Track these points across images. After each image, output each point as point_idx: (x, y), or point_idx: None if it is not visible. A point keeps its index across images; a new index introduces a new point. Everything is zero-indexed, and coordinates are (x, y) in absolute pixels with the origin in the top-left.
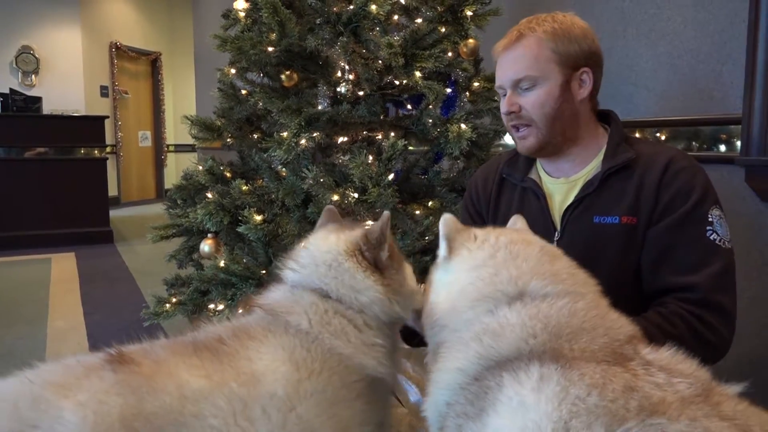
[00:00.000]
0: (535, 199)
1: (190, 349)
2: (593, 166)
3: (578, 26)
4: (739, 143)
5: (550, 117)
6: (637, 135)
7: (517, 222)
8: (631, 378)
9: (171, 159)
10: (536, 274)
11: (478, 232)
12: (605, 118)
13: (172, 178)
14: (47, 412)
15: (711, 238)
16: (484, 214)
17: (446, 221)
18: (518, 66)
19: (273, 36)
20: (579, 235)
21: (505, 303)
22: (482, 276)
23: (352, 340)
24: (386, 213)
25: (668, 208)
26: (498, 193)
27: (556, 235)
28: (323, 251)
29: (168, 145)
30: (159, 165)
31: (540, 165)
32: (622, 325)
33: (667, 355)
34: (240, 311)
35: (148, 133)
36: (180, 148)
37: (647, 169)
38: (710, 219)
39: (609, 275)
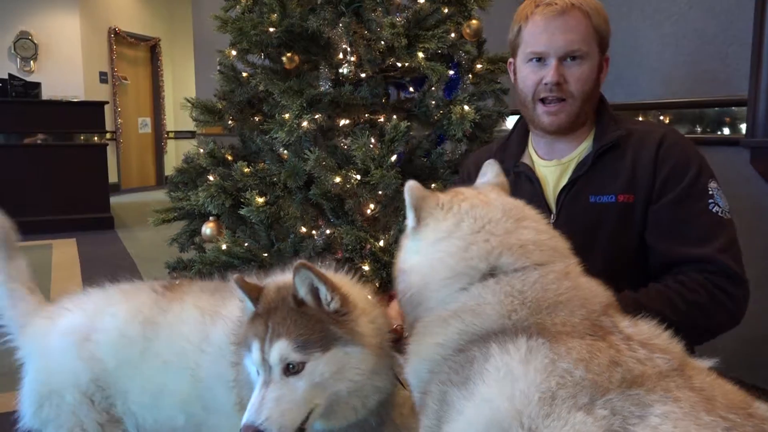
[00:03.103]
0: (528, 184)
1: (212, 288)
2: (584, 147)
3: (602, 6)
4: (743, 126)
5: (587, 95)
6: (640, 118)
7: (487, 171)
8: (616, 354)
9: (171, 146)
10: (505, 248)
11: (443, 197)
12: None
13: (172, 164)
14: (109, 310)
15: (714, 210)
16: None
17: (411, 189)
18: (573, 36)
19: (274, 17)
20: (575, 216)
21: (478, 280)
22: (451, 251)
23: None
24: None
25: (667, 184)
26: None
27: (552, 218)
28: None
29: (168, 132)
30: (159, 152)
31: (532, 148)
32: (596, 294)
33: (646, 328)
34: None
35: (148, 120)
36: (180, 135)
37: (641, 145)
38: (710, 192)
39: (608, 253)
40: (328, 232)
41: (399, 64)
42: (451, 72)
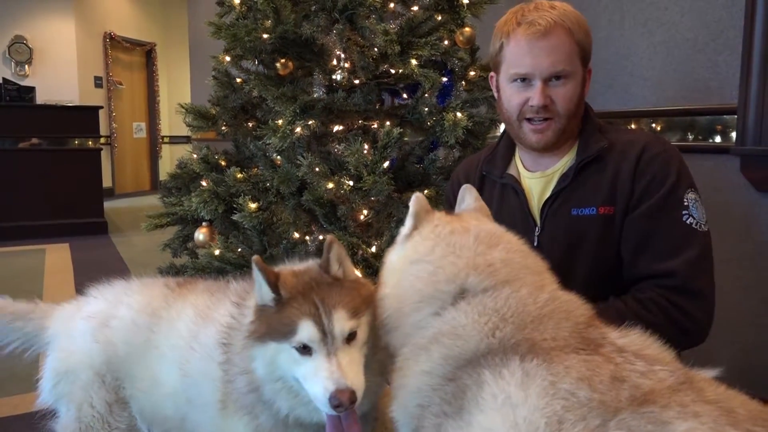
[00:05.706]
0: (514, 195)
1: (214, 290)
2: (568, 159)
3: (584, 18)
4: (734, 134)
5: (572, 112)
6: (633, 126)
7: (465, 197)
8: (615, 368)
9: (166, 151)
10: (472, 269)
11: (440, 219)
12: None
13: (166, 169)
14: (126, 300)
15: (687, 222)
16: None
17: (418, 198)
18: (556, 57)
19: (268, 23)
20: (558, 229)
21: (449, 303)
22: (421, 274)
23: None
24: None
25: (644, 196)
26: (479, 191)
27: (537, 230)
28: None
29: (163, 137)
30: (154, 156)
31: (518, 159)
32: (577, 306)
33: (636, 338)
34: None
35: (143, 125)
36: (175, 140)
37: (622, 158)
38: (686, 203)
39: (590, 266)
40: (320, 237)
41: (392, 71)
42: (445, 79)
